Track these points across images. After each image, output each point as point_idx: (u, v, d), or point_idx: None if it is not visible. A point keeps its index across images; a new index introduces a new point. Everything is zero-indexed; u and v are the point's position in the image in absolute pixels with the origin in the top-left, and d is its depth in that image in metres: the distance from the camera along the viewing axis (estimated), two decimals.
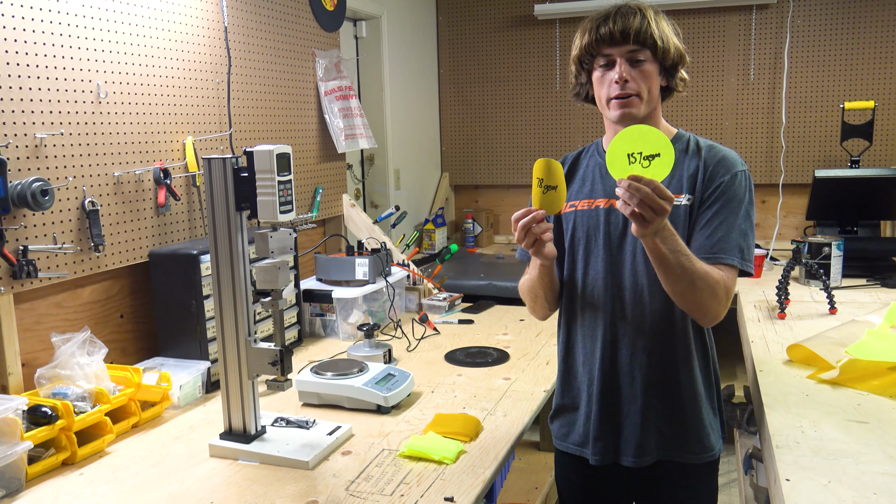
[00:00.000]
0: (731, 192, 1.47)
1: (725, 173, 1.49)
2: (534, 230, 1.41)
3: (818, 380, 1.73)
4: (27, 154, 1.77)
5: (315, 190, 2.96)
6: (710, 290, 1.41)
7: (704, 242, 1.46)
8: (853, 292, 2.67)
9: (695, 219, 1.49)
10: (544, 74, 4.29)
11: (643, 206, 1.27)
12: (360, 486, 1.46)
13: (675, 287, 1.42)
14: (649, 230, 1.30)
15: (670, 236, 1.36)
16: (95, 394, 1.70)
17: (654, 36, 1.45)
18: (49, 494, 1.48)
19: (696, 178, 1.50)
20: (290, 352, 1.62)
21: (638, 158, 1.31)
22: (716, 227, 1.46)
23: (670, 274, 1.39)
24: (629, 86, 1.46)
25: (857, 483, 1.23)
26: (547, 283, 1.58)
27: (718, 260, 1.45)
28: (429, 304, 2.88)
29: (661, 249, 1.36)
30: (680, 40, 1.51)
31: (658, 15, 1.49)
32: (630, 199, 1.27)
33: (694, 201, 1.49)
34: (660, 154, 1.30)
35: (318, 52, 2.96)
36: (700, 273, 1.39)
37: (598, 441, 1.59)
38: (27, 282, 1.77)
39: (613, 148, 1.34)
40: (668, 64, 1.49)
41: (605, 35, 1.46)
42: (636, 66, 1.47)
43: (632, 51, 1.46)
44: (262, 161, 1.55)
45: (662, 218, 1.29)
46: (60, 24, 1.85)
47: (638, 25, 1.44)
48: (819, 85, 3.83)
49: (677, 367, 1.54)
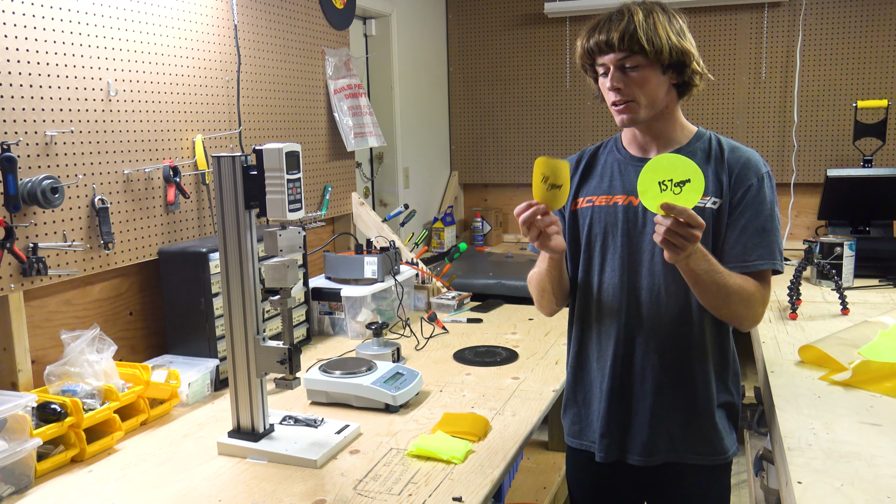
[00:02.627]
0: (761, 196, 1.48)
1: (752, 177, 1.48)
2: (537, 224, 1.41)
3: (830, 381, 1.71)
4: (37, 152, 1.77)
5: (324, 188, 2.95)
6: (745, 302, 1.45)
7: (739, 251, 1.47)
8: (865, 293, 2.64)
9: (725, 223, 1.49)
10: (554, 73, 4.27)
11: (674, 236, 1.30)
12: (368, 486, 1.46)
13: (710, 302, 1.45)
14: (681, 256, 1.33)
15: (702, 257, 1.38)
16: (104, 391, 1.71)
17: (640, 41, 1.42)
18: (58, 491, 1.49)
19: (722, 182, 1.49)
20: (298, 350, 1.61)
21: (669, 185, 1.32)
22: (750, 233, 1.47)
23: (705, 291, 1.43)
24: (623, 92, 1.46)
25: (871, 486, 1.22)
26: (555, 277, 1.57)
27: (755, 267, 1.47)
28: (437, 303, 2.88)
29: (695, 270, 1.39)
30: (682, 36, 1.46)
31: (654, 14, 1.44)
32: (662, 229, 1.31)
33: (722, 205, 1.48)
34: (690, 180, 1.31)
35: (328, 50, 2.96)
36: (734, 288, 1.42)
37: (604, 438, 1.58)
38: (37, 279, 1.77)
39: (644, 177, 1.35)
40: (667, 63, 1.46)
41: (594, 45, 1.47)
42: (629, 72, 1.45)
43: (621, 58, 1.45)
44: (271, 159, 1.55)
45: (693, 244, 1.31)
46: (71, 22, 1.85)
47: (623, 31, 1.42)
48: (831, 83, 3.80)
49: (692, 368, 1.53)
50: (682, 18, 1.50)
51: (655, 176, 1.33)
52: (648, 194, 1.34)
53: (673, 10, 1.49)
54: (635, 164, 1.55)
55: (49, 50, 1.80)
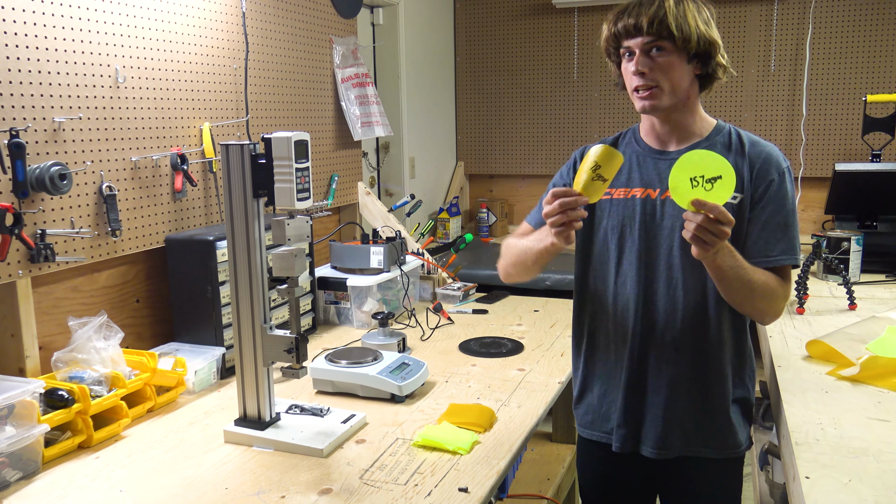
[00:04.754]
0: (782, 191, 1.48)
1: (774, 172, 1.48)
2: (570, 214, 1.36)
3: (838, 376, 1.71)
4: (46, 138, 1.77)
5: (331, 177, 2.95)
6: (768, 297, 1.45)
7: (762, 246, 1.47)
8: (873, 288, 2.63)
9: (747, 218, 1.49)
10: (562, 64, 4.25)
11: (704, 232, 1.29)
12: (375, 475, 1.46)
13: (734, 298, 1.46)
14: (710, 252, 1.32)
15: (729, 254, 1.38)
16: (111, 378, 1.71)
17: (670, 26, 1.41)
18: (65, 477, 1.49)
19: (744, 176, 1.48)
20: (305, 339, 1.61)
21: (700, 182, 1.31)
22: (772, 229, 1.47)
23: (730, 287, 1.43)
24: (647, 77, 1.45)
25: (879, 482, 1.21)
26: (543, 262, 1.54)
27: (777, 262, 1.47)
28: (443, 294, 2.88)
29: (721, 267, 1.38)
30: (710, 26, 1.46)
31: (684, 1, 1.44)
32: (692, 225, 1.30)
33: (743, 200, 1.48)
34: (721, 176, 1.30)
35: (336, 38, 2.95)
36: (758, 284, 1.42)
37: (620, 429, 1.59)
38: (45, 266, 1.77)
39: (676, 174, 1.33)
40: (693, 52, 1.45)
41: (622, 28, 1.46)
42: (655, 57, 1.45)
43: (648, 42, 1.44)
44: (279, 148, 1.55)
45: (723, 241, 1.31)
46: (80, 7, 1.84)
47: (653, 15, 1.42)
48: (841, 77, 3.78)
49: (708, 363, 1.53)
50: (710, 8, 1.49)
51: (687, 172, 1.32)
52: (679, 190, 1.33)
53: (701, 0, 1.48)
54: (654, 157, 1.54)
55: (58, 36, 1.79)
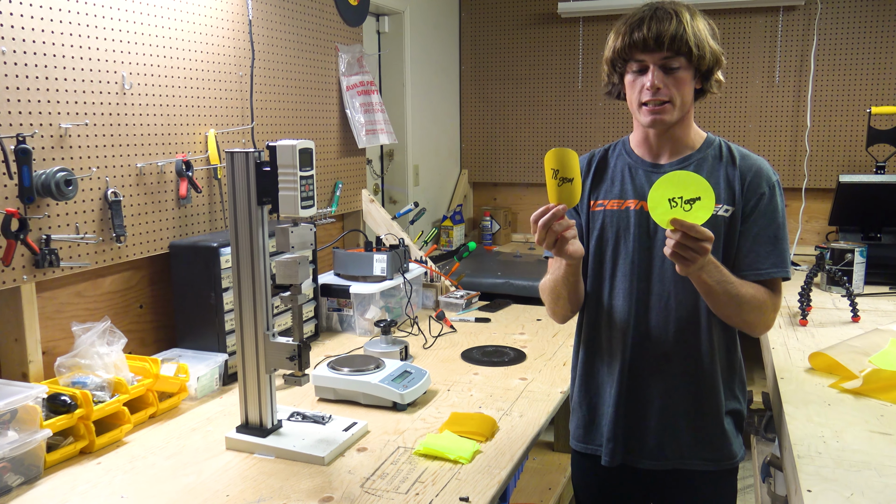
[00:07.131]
0: (773, 205, 1.48)
1: (764, 186, 1.48)
2: (555, 228, 1.37)
3: (840, 389, 1.70)
4: (52, 144, 1.78)
5: (335, 185, 2.96)
6: (757, 310, 1.45)
7: (752, 259, 1.48)
8: (876, 300, 2.63)
9: (737, 231, 1.49)
10: (566, 73, 4.26)
11: (684, 249, 1.30)
12: (376, 484, 1.46)
13: (722, 311, 1.46)
14: (693, 269, 1.33)
15: (715, 269, 1.38)
16: (114, 384, 1.71)
17: (689, 43, 1.41)
18: (67, 482, 1.49)
19: (734, 189, 1.49)
20: (307, 347, 1.62)
21: (679, 202, 1.32)
22: (762, 242, 1.47)
23: (717, 301, 1.43)
24: (661, 93, 1.44)
25: (881, 496, 1.21)
26: (572, 283, 1.53)
27: (767, 275, 1.47)
28: (446, 302, 2.88)
29: (707, 282, 1.39)
30: (716, 41, 1.47)
31: (695, 16, 1.45)
32: (672, 243, 1.31)
33: (734, 212, 1.48)
34: (700, 197, 1.31)
35: (341, 46, 2.96)
36: (746, 297, 1.42)
37: (610, 442, 1.58)
38: (49, 271, 1.78)
39: (654, 193, 1.34)
40: (703, 69, 1.46)
41: (638, 41, 1.43)
42: (669, 73, 1.43)
43: (666, 58, 1.43)
44: (284, 156, 1.55)
45: (704, 257, 1.32)
46: (87, 15, 1.86)
47: (674, 32, 1.40)
48: (846, 88, 3.78)
49: (700, 375, 1.52)
50: (711, 22, 1.50)
51: (666, 192, 1.33)
52: (658, 210, 1.33)
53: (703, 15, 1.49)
54: (646, 169, 1.54)
55: (65, 42, 1.80)
